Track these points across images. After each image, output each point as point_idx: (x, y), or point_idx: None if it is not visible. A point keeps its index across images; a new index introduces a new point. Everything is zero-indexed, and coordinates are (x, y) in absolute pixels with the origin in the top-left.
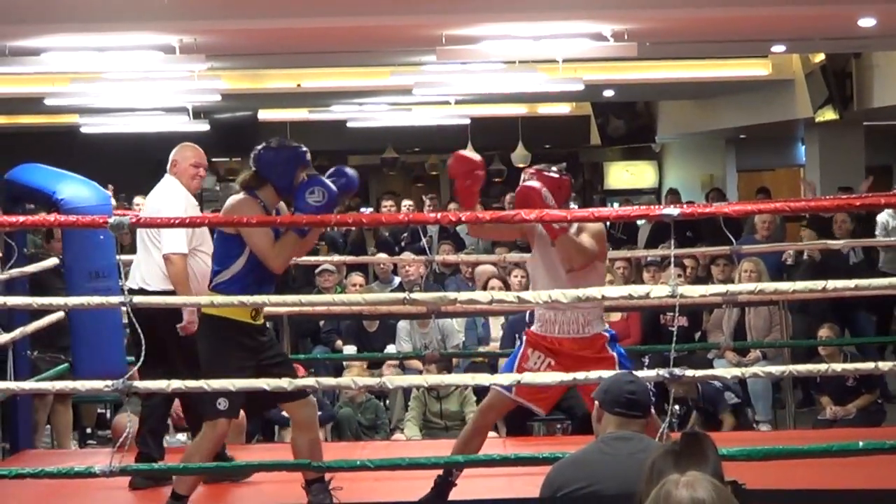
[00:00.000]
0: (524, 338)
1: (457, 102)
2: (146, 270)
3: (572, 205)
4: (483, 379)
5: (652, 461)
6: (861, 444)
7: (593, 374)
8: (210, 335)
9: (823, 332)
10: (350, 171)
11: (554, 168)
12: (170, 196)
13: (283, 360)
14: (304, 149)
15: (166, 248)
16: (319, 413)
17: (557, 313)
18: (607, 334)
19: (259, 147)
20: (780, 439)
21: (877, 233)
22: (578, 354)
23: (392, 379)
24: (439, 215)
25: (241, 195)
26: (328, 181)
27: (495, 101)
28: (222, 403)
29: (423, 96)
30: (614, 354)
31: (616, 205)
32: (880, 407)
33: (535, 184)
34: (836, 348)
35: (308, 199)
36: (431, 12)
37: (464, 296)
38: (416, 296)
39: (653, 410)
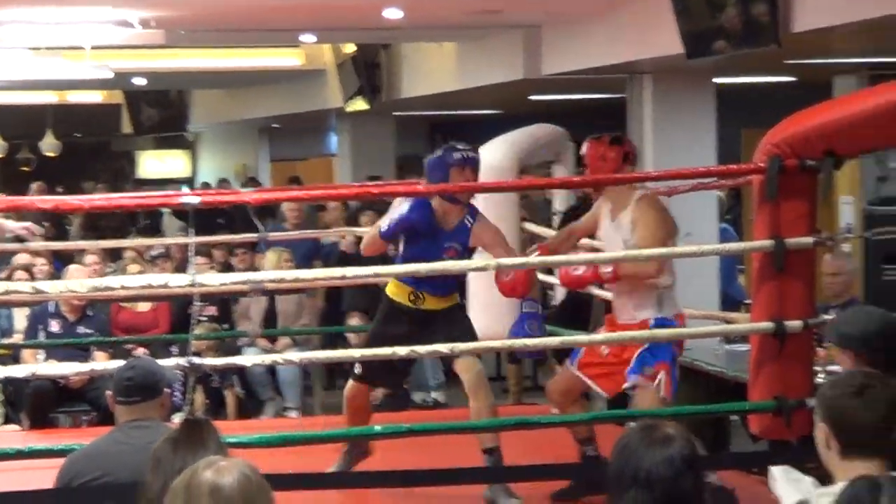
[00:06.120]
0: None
1: None
2: None
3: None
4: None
5: (154, 449)
6: (378, 428)
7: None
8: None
9: (353, 320)
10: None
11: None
12: None
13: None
14: (458, 148)
15: None
16: None
17: (614, 299)
18: (653, 320)
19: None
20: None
21: None
22: None
23: None
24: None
25: None
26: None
27: (22, 88)
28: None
29: None
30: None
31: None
32: (406, 392)
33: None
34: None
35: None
36: None
37: None
38: None
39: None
